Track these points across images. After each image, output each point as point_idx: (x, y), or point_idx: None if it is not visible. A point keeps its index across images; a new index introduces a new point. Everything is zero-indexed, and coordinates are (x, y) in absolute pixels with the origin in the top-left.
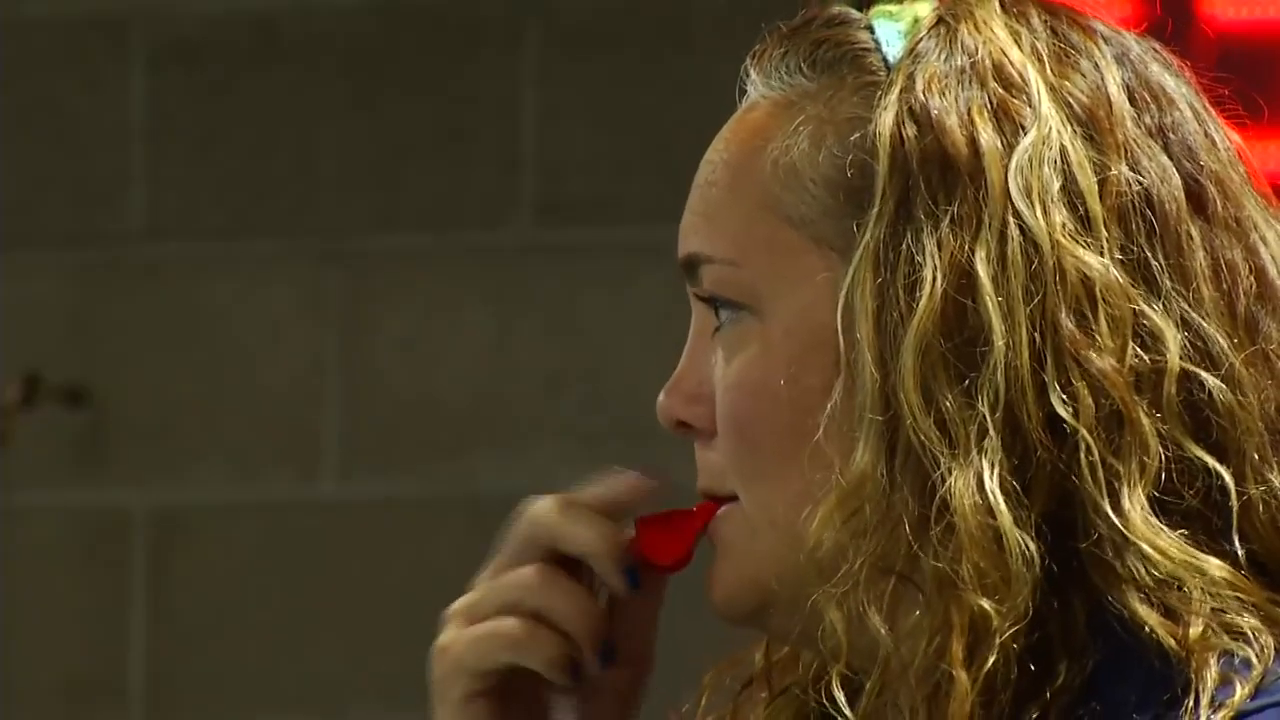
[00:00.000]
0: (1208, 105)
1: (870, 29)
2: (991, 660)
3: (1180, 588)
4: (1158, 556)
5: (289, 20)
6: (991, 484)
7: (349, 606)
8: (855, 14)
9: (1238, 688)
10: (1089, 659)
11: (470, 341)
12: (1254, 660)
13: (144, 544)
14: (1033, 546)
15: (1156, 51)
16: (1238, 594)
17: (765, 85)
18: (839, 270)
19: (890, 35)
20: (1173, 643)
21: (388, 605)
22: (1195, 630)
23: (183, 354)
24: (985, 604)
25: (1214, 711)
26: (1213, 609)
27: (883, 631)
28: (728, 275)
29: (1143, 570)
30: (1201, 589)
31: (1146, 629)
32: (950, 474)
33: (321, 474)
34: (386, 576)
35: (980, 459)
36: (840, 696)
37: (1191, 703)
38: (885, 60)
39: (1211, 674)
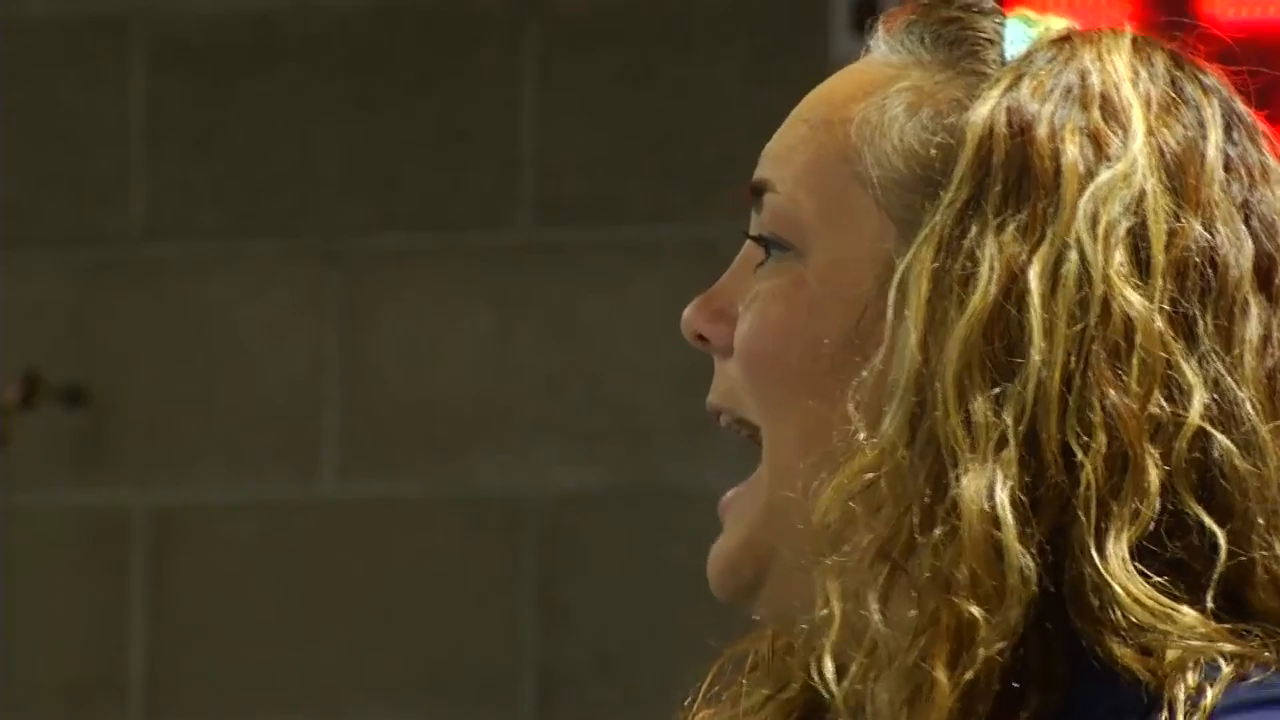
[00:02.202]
0: None
1: (1002, 24)
2: (973, 670)
3: (1154, 631)
4: (1130, 603)
5: (289, 20)
6: (1001, 495)
7: (349, 606)
8: (994, 6)
9: (1208, 690)
10: (1062, 689)
11: (470, 341)
12: (1223, 665)
13: (144, 544)
14: (1033, 566)
15: (1272, 140)
16: (1212, 637)
17: (887, 46)
18: (891, 240)
19: (1018, 35)
20: (1148, 673)
21: (387, 605)
22: (1172, 656)
23: (183, 354)
24: (975, 611)
25: (1189, 715)
26: (1187, 645)
27: (876, 617)
28: (785, 210)
29: (1118, 614)
30: (1176, 634)
31: (1121, 664)
32: (965, 475)
33: (321, 473)
34: (386, 576)
35: (995, 468)
36: (829, 668)
37: (1167, 714)
38: (1003, 57)
39: (1187, 685)
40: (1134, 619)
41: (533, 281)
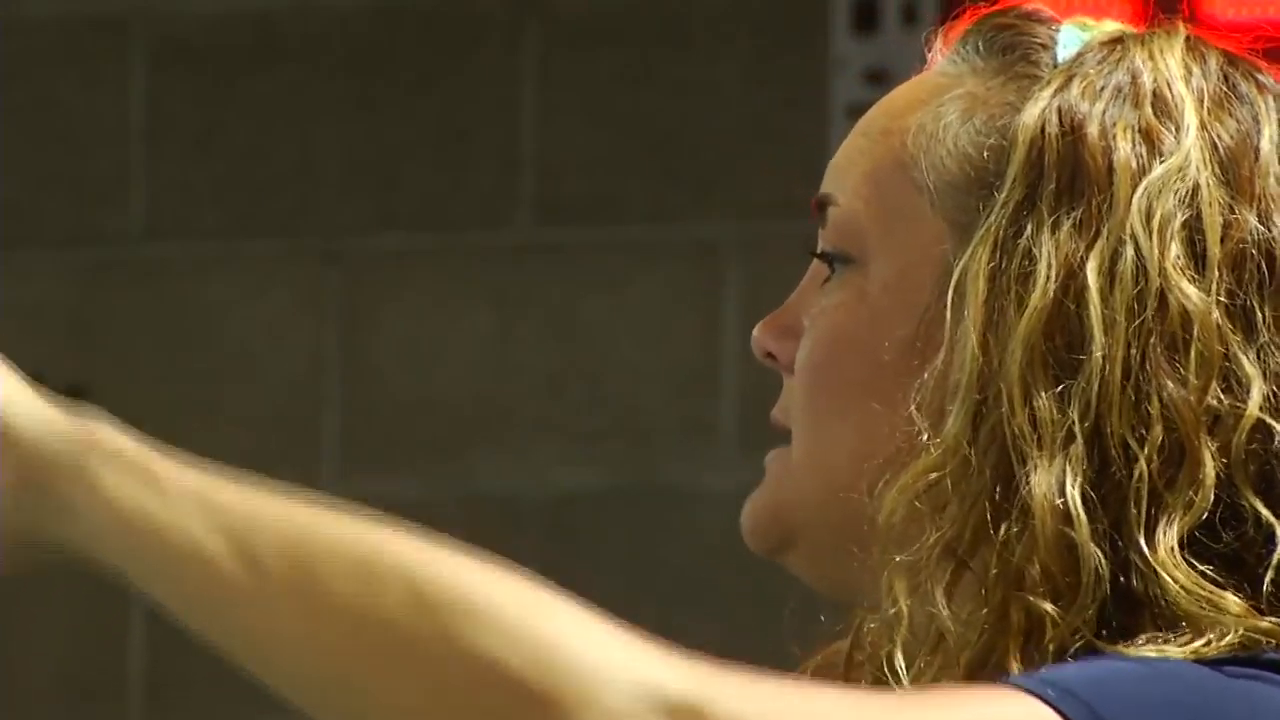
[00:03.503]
0: None
1: (1057, 29)
2: (1045, 665)
3: (1197, 621)
4: (1176, 591)
5: (289, 20)
6: (1073, 491)
7: None
8: (1049, 13)
9: (1215, 639)
10: None
11: (470, 341)
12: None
13: None
14: (1105, 562)
15: None
16: (1257, 628)
17: (945, 59)
18: (949, 243)
19: (1071, 39)
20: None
21: None
22: (1211, 637)
23: (183, 354)
24: (1048, 608)
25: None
26: (1222, 624)
27: (944, 613)
28: (845, 221)
29: (1163, 603)
30: (1220, 624)
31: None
32: (1034, 472)
33: (321, 473)
34: None
35: (1065, 464)
36: (900, 663)
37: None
38: (1055, 60)
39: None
40: (1179, 606)
41: (533, 281)
